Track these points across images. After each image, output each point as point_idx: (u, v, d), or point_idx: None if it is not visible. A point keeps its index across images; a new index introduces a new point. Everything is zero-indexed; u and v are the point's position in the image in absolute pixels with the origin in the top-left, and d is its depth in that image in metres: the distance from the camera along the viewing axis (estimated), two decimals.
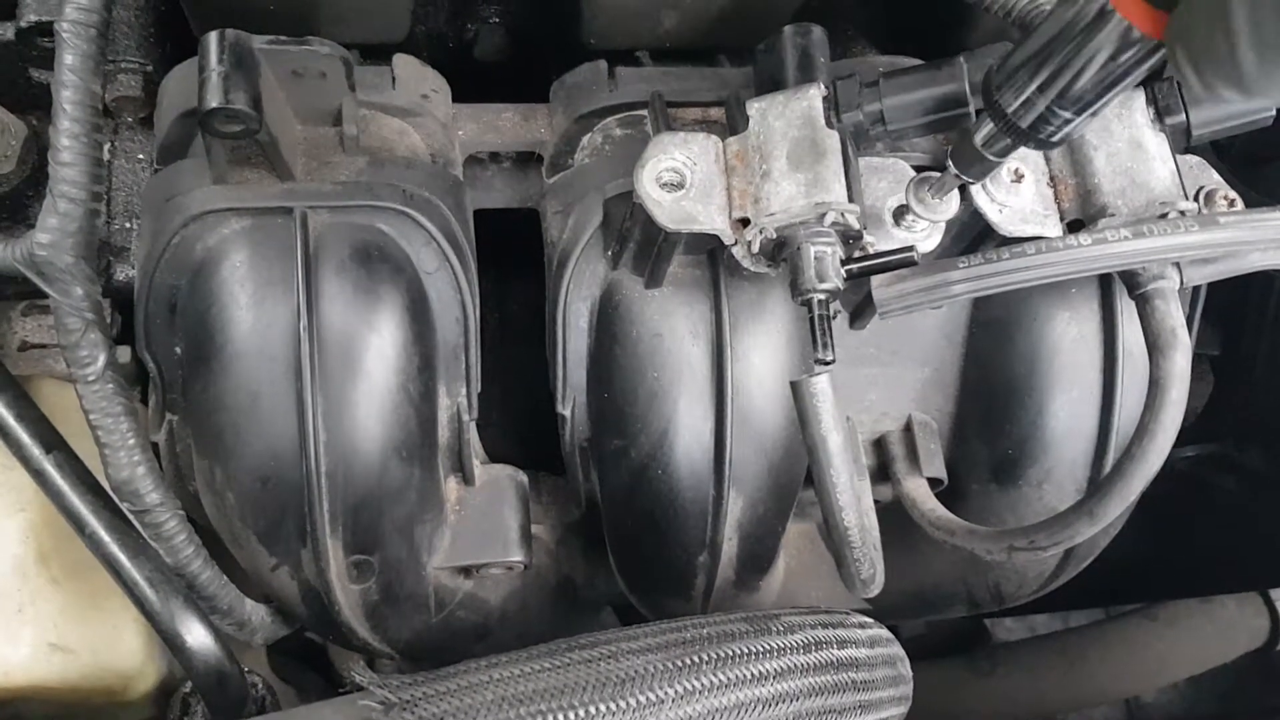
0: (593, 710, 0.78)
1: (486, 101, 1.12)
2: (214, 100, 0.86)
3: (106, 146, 1.11)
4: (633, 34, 1.08)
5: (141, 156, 1.12)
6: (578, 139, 1.08)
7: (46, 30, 1.02)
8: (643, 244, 0.97)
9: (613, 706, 0.78)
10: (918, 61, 1.06)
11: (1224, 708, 1.58)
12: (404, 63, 1.05)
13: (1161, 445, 0.91)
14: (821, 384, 0.86)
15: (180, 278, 0.96)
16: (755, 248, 0.91)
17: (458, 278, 1.00)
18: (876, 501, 1.06)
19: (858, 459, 1.06)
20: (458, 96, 1.10)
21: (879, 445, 1.13)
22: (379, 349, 0.96)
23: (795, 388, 0.87)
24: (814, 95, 0.92)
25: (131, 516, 0.93)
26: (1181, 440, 1.28)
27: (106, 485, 0.93)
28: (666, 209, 0.91)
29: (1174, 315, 0.92)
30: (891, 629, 1.02)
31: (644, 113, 1.06)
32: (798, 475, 1.05)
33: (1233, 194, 0.97)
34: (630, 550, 1.09)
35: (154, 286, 0.97)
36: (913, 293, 0.89)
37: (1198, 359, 1.28)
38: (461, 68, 1.15)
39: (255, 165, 0.95)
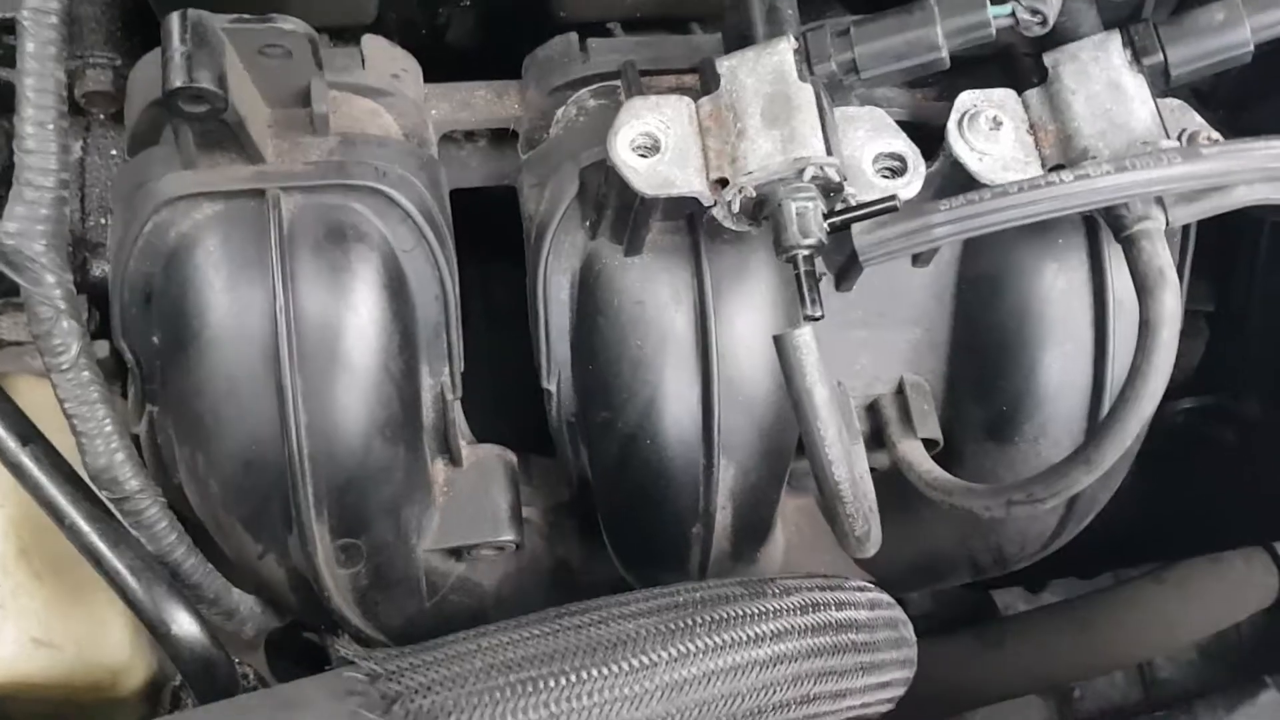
0: (584, 675, 0.76)
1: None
2: (178, 80, 0.85)
3: (79, 144, 1.10)
4: (603, 5, 1.08)
5: (114, 152, 1.11)
6: (551, 112, 1.07)
7: (9, 28, 1.01)
8: (620, 211, 0.96)
9: (605, 671, 0.77)
10: None
11: (1236, 676, 1.56)
12: (373, 43, 1.04)
13: (1155, 387, 0.89)
14: (805, 336, 0.85)
15: (154, 265, 0.95)
16: (735, 207, 0.90)
17: (435, 255, 0.99)
18: (873, 469, 1.04)
19: (850, 423, 1.05)
20: (430, 80, 1.09)
21: (872, 410, 1.11)
22: (357, 328, 0.95)
23: (778, 341, 0.86)
24: (784, 49, 0.91)
25: (111, 505, 0.91)
26: (1178, 394, 1.27)
27: (85, 475, 0.92)
28: (642, 174, 0.90)
29: (1161, 255, 0.90)
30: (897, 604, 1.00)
31: (617, 83, 1.05)
32: (789, 439, 1.04)
33: (1215, 134, 0.96)
34: (623, 525, 1.08)
35: (128, 275, 0.96)
36: (895, 237, 0.87)
37: (1191, 315, 1.26)
38: (433, 52, 1.14)
39: (225, 149, 0.94)
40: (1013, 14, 0.91)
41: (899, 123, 0.94)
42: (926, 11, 0.90)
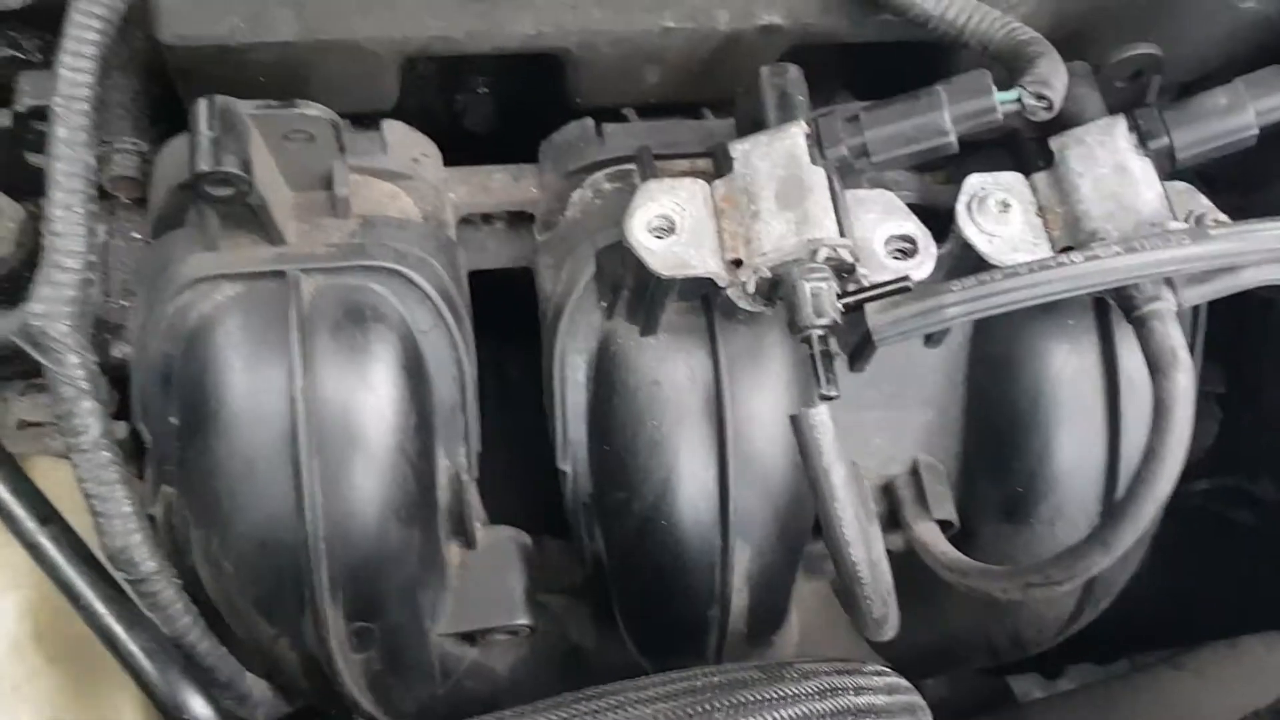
0: None
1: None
2: (204, 164, 0.87)
3: (103, 227, 1.12)
4: (618, 91, 1.10)
5: (138, 236, 1.12)
6: (567, 195, 1.09)
7: (42, 114, 1.04)
8: (636, 291, 0.97)
9: None
10: None
11: None
12: (394, 128, 1.07)
13: (1170, 468, 0.89)
14: (821, 415, 0.85)
15: (175, 346, 0.96)
16: (750, 288, 0.91)
17: (453, 335, 1.00)
18: (888, 551, 1.04)
19: (866, 504, 1.05)
20: (449, 162, 1.12)
21: (886, 491, 1.11)
22: (375, 410, 0.96)
23: (795, 421, 0.86)
24: (796, 133, 0.93)
25: (127, 586, 0.91)
26: (1193, 475, 1.27)
27: (102, 557, 0.91)
28: (659, 255, 0.91)
29: (1173, 335, 0.91)
30: None
31: (632, 167, 1.07)
32: (806, 521, 1.04)
33: (1222, 217, 0.98)
34: (638, 608, 1.07)
35: (148, 357, 0.97)
36: (908, 317, 0.88)
37: (1203, 398, 1.27)
38: (451, 137, 1.17)
39: (247, 231, 0.96)
40: (1019, 100, 0.93)
41: (909, 205, 0.96)
42: (934, 97, 0.92)
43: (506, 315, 1.16)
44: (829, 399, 0.87)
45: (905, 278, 0.88)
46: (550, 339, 1.03)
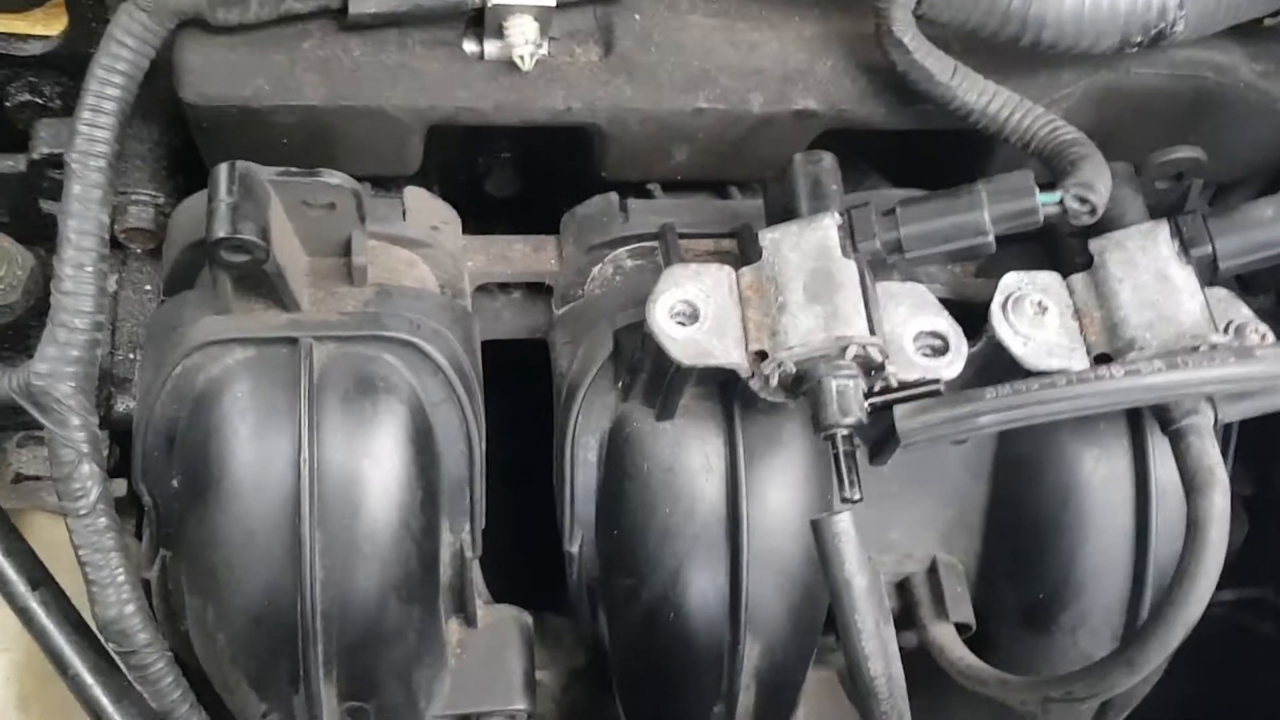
0: None
1: (498, 232, 1.12)
2: (222, 230, 0.85)
3: (114, 277, 1.10)
4: (644, 167, 1.08)
5: (149, 288, 1.10)
6: (588, 270, 1.07)
7: (57, 162, 1.02)
8: (654, 376, 0.95)
9: None
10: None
11: None
12: (415, 195, 1.05)
13: (1203, 590, 0.86)
14: (845, 523, 0.82)
15: (181, 409, 0.94)
16: (774, 381, 0.89)
17: (464, 410, 0.98)
18: (901, 648, 1.00)
19: (881, 603, 1.02)
20: (469, 227, 1.10)
21: (902, 588, 1.08)
22: (381, 484, 0.93)
23: (816, 527, 0.83)
24: (828, 225, 0.90)
25: (118, 658, 0.88)
26: (1218, 584, 1.23)
27: (93, 624, 0.89)
28: (681, 343, 0.89)
29: (1210, 453, 0.88)
30: None
31: (654, 244, 1.05)
32: (819, 619, 1.00)
33: (1264, 327, 0.95)
34: (640, 699, 1.04)
35: (154, 418, 0.94)
36: (939, 423, 0.86)
37: (1231, 499, 1.24)
38: (473, 200, 1.15)
39: (261, 295, 0.93)
40: (1061, 202, 0.90)
41: (941, 299, 0.93)
42: (974, 196, 0.90)
43: (520, 383, 1.13)
44: (852, 502, 0.84)
45: (936, 380, 0.86)
46: (563, 418, 1.00)
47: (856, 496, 0.84)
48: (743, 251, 0.97)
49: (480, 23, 0.99)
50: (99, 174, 0.89)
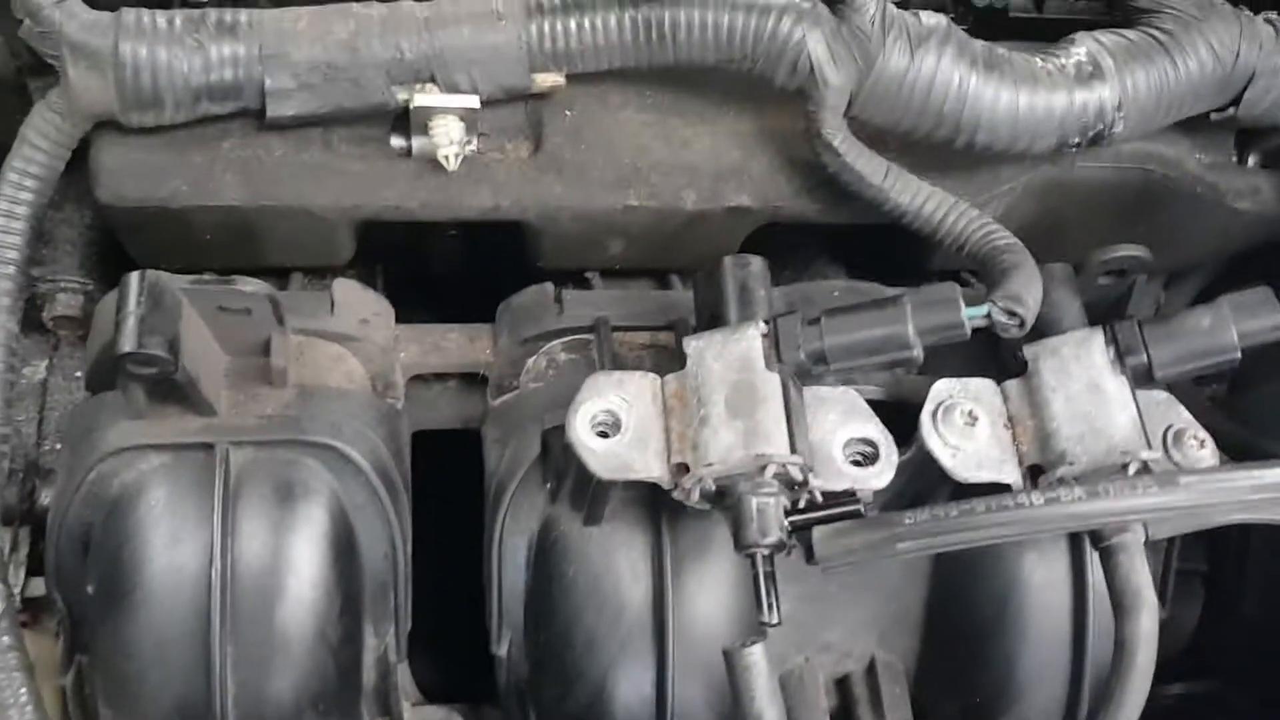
0: None
1: (437, 312, 1.10)
2: (128, 345, 0.83)
3: (43, 363, 1.09)
4: (579, 258, 1.07)
5: (79, 375, 1.09)
6: (522, 361, 1.05)
7: None
8: (579, 483, 0.93)
9: None
10: (874, 287, 1.04)
11: None
12: (344, 288, 1.03)
13: (1129, 713, 0.84)
14: (755, 655, 0.80)
15: (95, 514, 0.92)
16: (695, 496, 0.87)
17: (387, 512, 0.96)
18: None
19: (818, 704, 1.00)
20: (413, 305, 1.08)
21: (841, 685, 1.06)
22: (296, 594, 0.91)
23: (727, 658, 0.81)
24: (752, 335, 0.88)
25: None
26: (1170, 676, 1.21)
27: None
28: (600, 456, 0.87)
29: (1139, 572, 0.85)
30: None
31: (590, 337, 1.03)
32: None
33: (1203, 433, 0.92)
34: None
35: (67, 523, 0.93)
36: (857, 548, 0.84)
37: (1186, 577, 1.21)
38: (420, 276, 1.13)
39: (175, 401, 0.92)
40: (988, 315, 0.88)
41: (874, 401, 0.91)
42: (899, 309, 0.88)
43: (454, 470, 1.12)
44: (770, 626, 0.82)
45: (857, 502, 0.84)
46: (491, 519, 0.98)
47: (775, 621, 0.82)
48: (678, 339, 0.95)
49: (407, 119, 0.97)
50: (8, 281, 0.88)
